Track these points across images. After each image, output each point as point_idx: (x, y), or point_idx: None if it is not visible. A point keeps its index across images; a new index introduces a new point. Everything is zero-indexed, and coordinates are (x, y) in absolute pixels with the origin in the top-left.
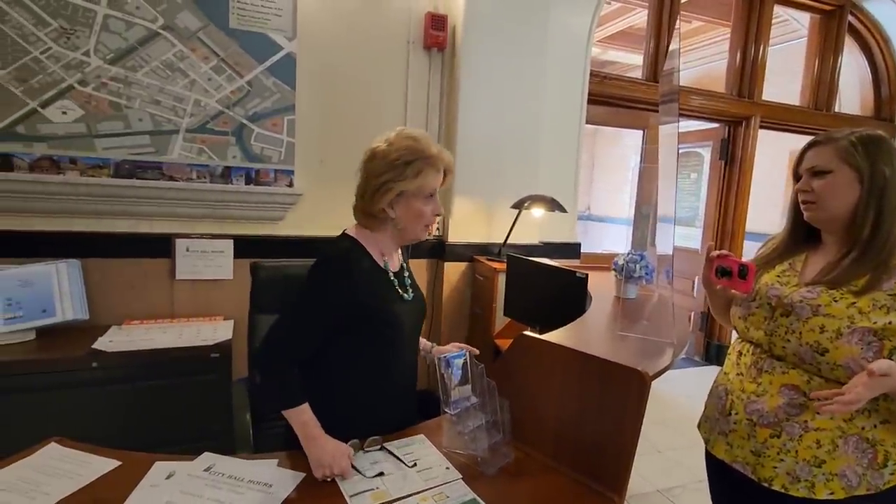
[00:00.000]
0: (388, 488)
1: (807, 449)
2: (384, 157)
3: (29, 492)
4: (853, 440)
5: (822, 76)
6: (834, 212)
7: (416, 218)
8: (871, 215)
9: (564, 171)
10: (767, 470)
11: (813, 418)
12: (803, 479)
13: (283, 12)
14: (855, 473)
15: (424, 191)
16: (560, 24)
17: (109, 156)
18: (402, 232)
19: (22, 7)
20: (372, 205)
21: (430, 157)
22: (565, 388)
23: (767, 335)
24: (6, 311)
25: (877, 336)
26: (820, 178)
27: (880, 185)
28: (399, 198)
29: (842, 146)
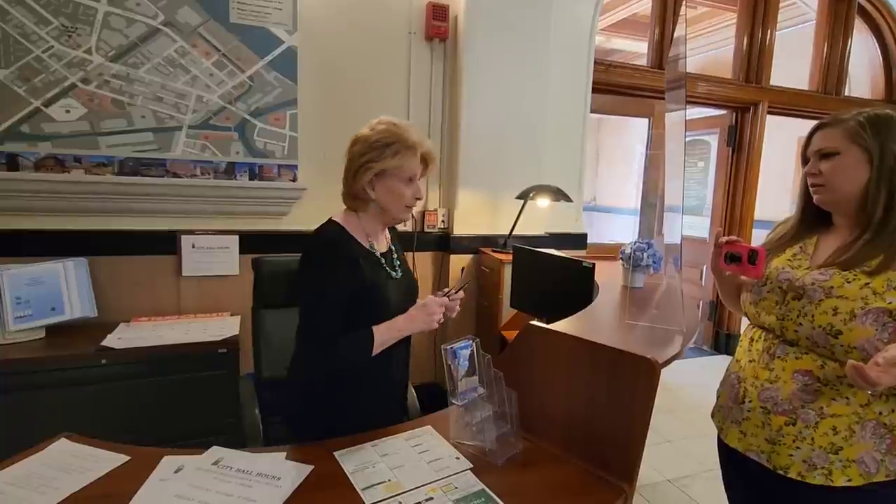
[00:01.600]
0: (399, 479)
1: (823, 436)
2: (365, 140)
3: (40, 487)
4: (871, 425)
5: (832, 60)
6: (843, 193)
7: (396, 198)
8: (882, 195)
9: (569, 161)
10: (783, 458)
11: (829, 404)
12: (820, 467)
13: (283, 6)
14: (873, 459)
15: (403, 172)
16: (563, 12)
17: (113, 154)
18: (384, 212)
19: (23, 6)
20: (354, 184)
21: (408, 142)
22: (573, 377)
23: (779, 320)
24: (16, 310)
25: (892, 316)
26: (828, 160)
27: (890, 165)
28: (378, 178)
29: (849, 127)
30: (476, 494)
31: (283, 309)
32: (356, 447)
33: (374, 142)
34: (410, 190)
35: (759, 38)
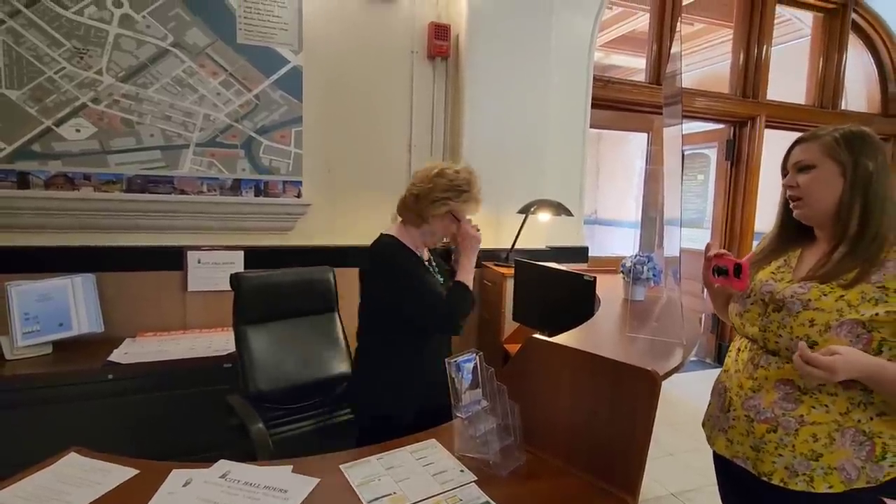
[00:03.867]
0: (405, 491)
1: (804, 443)
2: (451, 179)
3: (51, 500)
4: (850, 433)
5: (827, 74)
6: (820, 206)
7: (443, 231)
8: (856, 209)
9: (570, 176)
10: (766, 465)
11: (809, 412)
12: (801, 473)
13: (288, 26)
14: (853, 466)
15: (462, 214)
16: (562, 30)
17: (122, 171)
18: (428, 235)
19: (36, 29)
20: (425, 209)
21: (475, 196)
22: (575, 390)
23: (761, 331)
24: (24, 326)
25: (865, 328)
26: (805, 172)
27: (864, 179)
28: (446, 210)
29: (826, 142)
30: None
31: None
32: (362, 460)
33: (456, 185)
34: (454, 227)
35: (755, 54)
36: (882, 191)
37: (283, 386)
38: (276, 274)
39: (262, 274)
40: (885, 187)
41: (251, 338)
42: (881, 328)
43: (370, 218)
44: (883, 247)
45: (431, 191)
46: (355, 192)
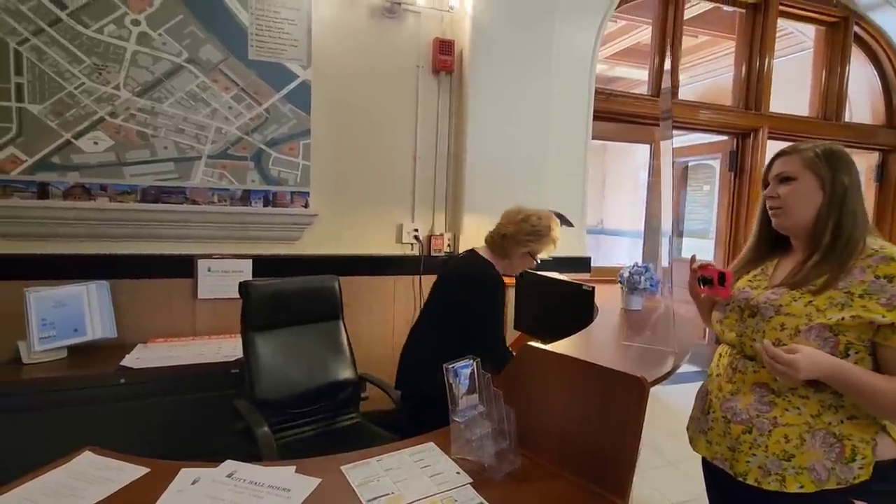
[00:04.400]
0: (403, 492)
1: (776, 443)
2: (533, 226)
3: (67, 496)
4: (820, 435)
5: (830, 86)
6: (798, 217)
7: (522, 266)
8: (831, 221)
9: (572, 187)
10: (741, 465)
11: (782, 414)
12: (774, 473)
13: (298, 43)
14: (824, 468)
15: (537, 254)
16: (564, 44)
17: (137, 182)
18: (509, 267)
19: (58, 46)
20: (510, 247)
21: (554, 238)
22: (568, 395)
23: (738, 336)
24: (41, 331)
25: (832, 332)
26: (786, 184)
27: (840, 193)
28: (526, 251)
29: (807, 156)
30: None
31: (271, 331)
32: (362, 462)
33: (538, 230)
34: (532, 263)
35: (757, 67)
36: (854, 204)
37: (288, 391)
38: (282, 282)
39: (269, 282)
40: (856, 201)
41: (258, 344)
42: (847, 332)
43: (375, 228)
44: (852, 256)
45: (517, 233)
46: (361, 203)
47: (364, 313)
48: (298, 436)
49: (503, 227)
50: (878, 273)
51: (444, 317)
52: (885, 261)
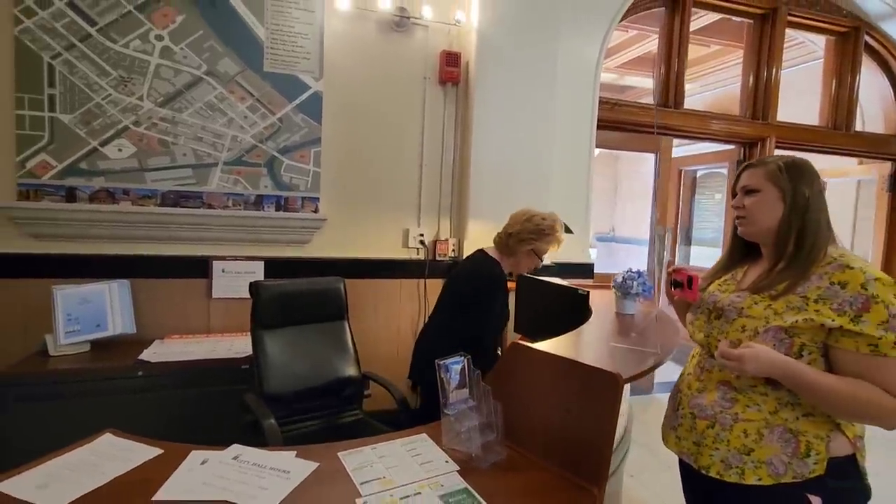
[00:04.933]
0: (393, 476)
1: (737, 438)
2: (537, 225)
3: (89, 471)
4: (778, 431)
5: (840, 96)
6: (762, 226)
7: (528, 264)
8: (793, 230)
9: (576, 195)
10: (705, 458)
11: (743, 410)
12: (735, 466)
13: (311, 56)
14: (781, 462)
15: (542, 252)
16: (569, 55)
17: (157, 187)
18: (515, 266)
19: (88, 60)
20: (514, 245)
21: (557, 238)
22: (551, 391)
23: (706, 336)
24: (67, 326)
25: (787, 333)
26: (751, 195)
27: (802, 205)
28: (531, 250)
29: (770, 169)
30: (460, 491)
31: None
32: (357, 449)
33: (541, 229)
34: (538, 262)
35: (765, 76)
36: (816, 214)
37: (294, 387)
38: (290, 283)
39: (278, 283)
40: (819, 211)
41: (267, 341)
42: (801, 334)
43: (382, 232)
44: (814, 263)
45: (521, 231)
46: (368, 209)
47: (370, 315)
48: (302, 430)
49: (510, 226)
50: (833, 280)
51: (450, 311)
52: (841, 268)
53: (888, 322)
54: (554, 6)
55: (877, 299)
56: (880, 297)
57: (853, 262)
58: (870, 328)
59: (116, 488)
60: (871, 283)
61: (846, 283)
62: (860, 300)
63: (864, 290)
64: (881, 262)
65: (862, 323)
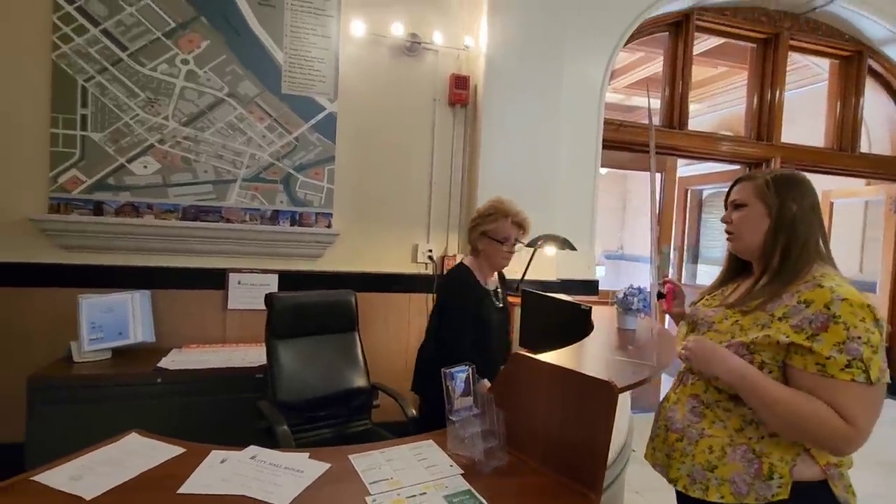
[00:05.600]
0: (400, 478)
1: (701, 453)
2: (478, 212)
3: (118, 465)
4: (741, 450)
5: (845, 118)
6: (748, 242)
7: (494, 252)
8: (779, 245)
9: (582, 214)
10: (674, 471)
11: (710, 426)
12: (699, 482)
13: (326, 78)
14: (744, 482)
15: (498, 234)
16: (574, 77)
17: (179, 202)
18: (488, 260)
19: (118, 83)
20: (473, 241)
21: (505, 213)
22: (551, 399)
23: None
24: (90, 333)
25: (748, 350)
26: (738, 210)
27: (788, 220)
28: (482, 237)
29: (757, 184)
30: (463, 493)
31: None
32: (367, 453)
33: (482, 212)
34: (504, 246)
35: (769, 98)
36: (804, 231)
37: (306, 395)
38: (304, 295)
39: (292, 295)
40: (807, 227)
41: (281, 351)
42: (762, 351)
43: (392, 248)
44: (792, 281)
45: (470, 227)
46: (380, 224)
47: (380, 327)
48: (313, 437)
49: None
50: (800, 298)
51: (437, 322)
52: (811, 287)
53: (844, 344)
54: (560, 31)
55: (837, 319)
56: (842, 318)
57: (826, 282)
58: (823, 347)
59: (143, 482)
60: (837, 302)
61: (811, 301)
62: (820, 319)
63: (827, 309)
64: (890, 282)
65: (817, 342)
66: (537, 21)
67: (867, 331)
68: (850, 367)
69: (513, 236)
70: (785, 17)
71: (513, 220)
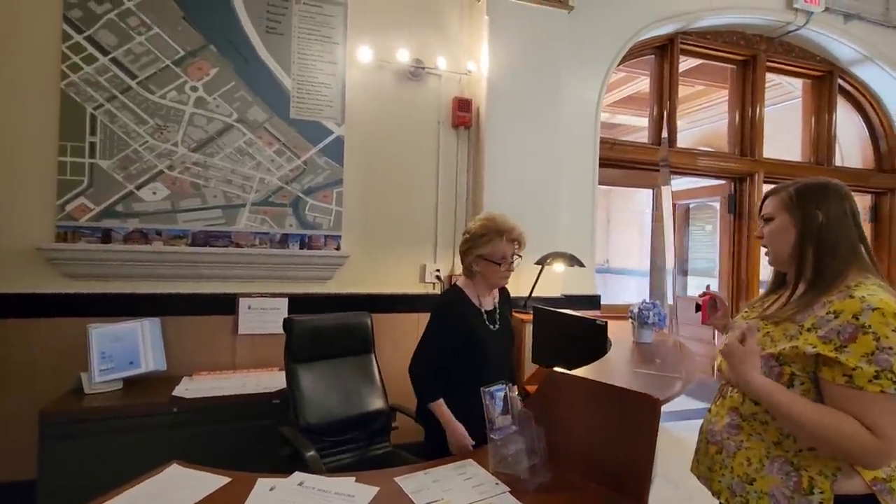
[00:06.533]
0: (451, 498)
1: (739, 465)
2: (471, 232)
3: (167, 498)
4: (778, 462)
5: (820, 134)
6: (779, 255)
7: (491, 273)
8: (809, 256)
9: (581, 229)
10: (716, 483)
11: (748, 438)
12: (739, 495)
13: (333, 103)
14: (783, 496)
15: (495, 255)
16: (572, 99)
17: (188, 227)
18: (485, 280)
19: (128, 110)
20: (468, 264)
21: (500, 231)
22: (591, 415)
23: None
24: (101, 363)
25: (777, 361)
26: (768, 224)
27: (814, 228)
28: (479, 258)
29: (782, 197)
30: None
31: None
32: (411, 475)
33: (472, 232)
34: (502, 266)
35: (750, 115)
36: (833, 238)
37: (328, 419)
38: (322, 318)
39: (310, 318)
40: (837, 234)
41: (301, 375)
42: (792, 363)
43: (400, 269)
44: (826, 291)
45: (462, 250)
46: (387, 245)
47: (389, 348)
48: (337, 462)
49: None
50: (830, 309)
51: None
52: (842, 297)
53: (873, 354)
54: (557, 56)
55: (866, 329)
56: (872, 328)
57: (859, 291)
58: (851, 359)
59: None
60: (867, 312)
61: (841, 311)
62: (848, 330)
63: (856, 319)
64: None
65: (845, 353)
66: (535, 46)
67: None
68: (879, 378)
69: (510, 254)
70: (761, 41)
71: (507, 238)
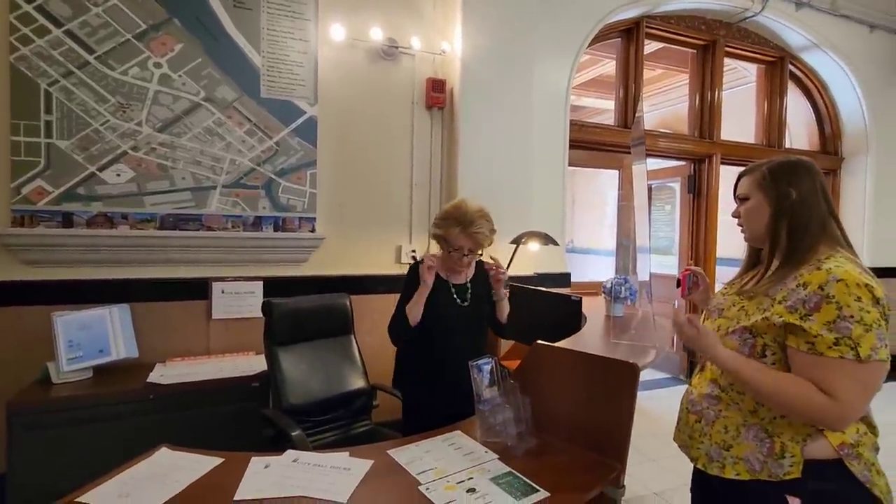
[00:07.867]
0: (444, 467)
1: (717, 433)
2: (441, 211)
3: (162, 480)
4: (754, 430)
5: (772, 117)
6: (755, 233)
7: (446, 257)
8: (783, 233)
9: (553, 209)
10: (694, 450)
11: (726, 408)
12: (716, 460)
13: (306, 82)
14: (757, 460)
15: (448, 241)
16: (543, 81)
17: (156, 210)
18: (447, 262)
19: (86, 87)
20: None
21: (458, 220)
22: (573, 383)
23: None
24: (68, 352)
25: (751, 333)
26: (743, 203)
27: (787, 206)
28: (438, 238)
29: (756, 176)
30: (506, 474)
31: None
32: (404, 447)
33: (440, 214)
34: (455, 253)
35: (709, 98)
36: (806, 214)
37: (311, 400)
38: (301, 300)
39: (289, 301)
40: (809, 210)
41: (282, 358)
42: (763, 334)
43: (377, 249)
44: (801, 264)
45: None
46: (363, 227)
47: (366, 329)
48: (320, 441)
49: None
50: (800, 281)
51: None
52: (811, 269)
53: (834, 322)
54: (529, 38)
55: (830, 299)
56: (835, 298)
57: (826, 264)
58: (814, 326)
59: (195, 493)
60: (832, 283)
61: (808, 283)
62: (814, 299)
63: (821, 290)
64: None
65: (809, 321)
66: (508, 27)
67: (861, 310)
68: (838, 344)
69: (465, 248)
70: (720, 26)
71: (464, 230)
